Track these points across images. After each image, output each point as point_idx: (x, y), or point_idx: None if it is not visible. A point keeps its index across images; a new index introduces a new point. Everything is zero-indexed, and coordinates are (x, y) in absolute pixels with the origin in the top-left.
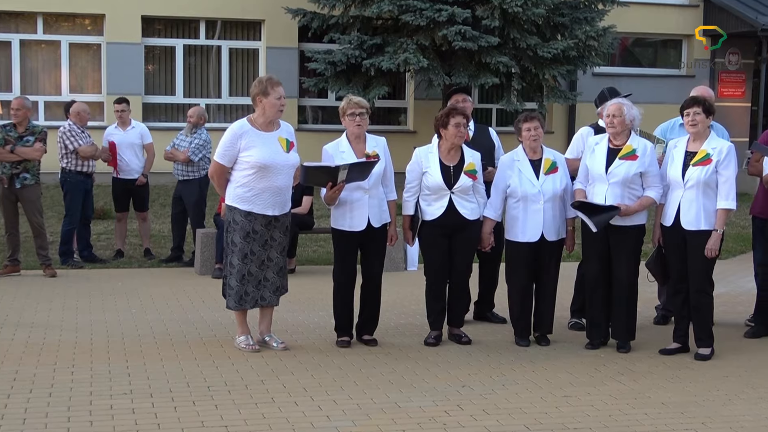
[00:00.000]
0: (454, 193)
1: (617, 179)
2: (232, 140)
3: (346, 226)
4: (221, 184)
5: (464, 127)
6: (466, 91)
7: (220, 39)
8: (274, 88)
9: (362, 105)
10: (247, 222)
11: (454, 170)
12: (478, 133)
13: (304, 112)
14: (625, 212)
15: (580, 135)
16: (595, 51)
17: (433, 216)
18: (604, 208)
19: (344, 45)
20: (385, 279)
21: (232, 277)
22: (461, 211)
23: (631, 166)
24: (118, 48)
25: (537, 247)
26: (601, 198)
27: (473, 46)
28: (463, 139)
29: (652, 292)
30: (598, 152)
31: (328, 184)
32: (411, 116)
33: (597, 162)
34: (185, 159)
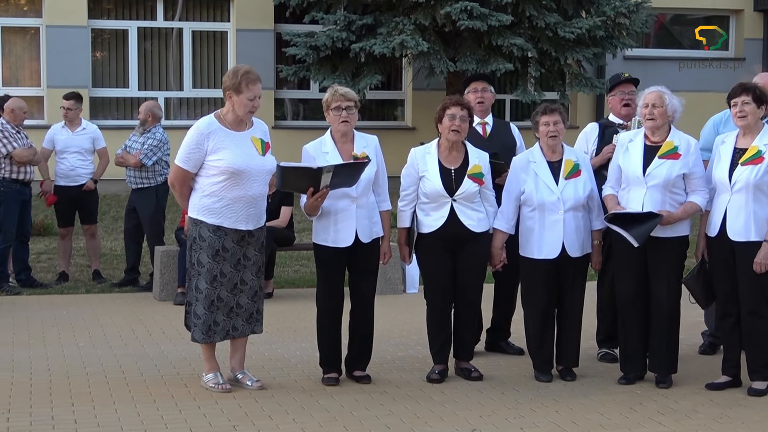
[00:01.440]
0: (456, 201)
1: (657, 182)
2: (198, 141)
3: (330, 240)
4: (184, 194)
5: (462, 119)
6: (487, 80)
7: (182, 20)
8: (249, 87)
9: (349, 97)
10: (216, 238)
11: (456, 174)
12: (496, 130)
13: (281, 106)
14: (667, 220)
15: (584, 134)
16: (626, 30)
17: (431, 228)
18: (642, 217)
19: (329, 26)
20: (379, 303)
21: (199, 304)
22: (465, 221)
23: (673, 166)
24: (59, 32)
25: (557, 264)
26: (638, 204)
27: (482, 26)
28: (462, 134)
29: (697, 316)
30: (633, 151)
31: (308, 189)
32: (409, 110)
33: (632, 162)
34: (136, 163)
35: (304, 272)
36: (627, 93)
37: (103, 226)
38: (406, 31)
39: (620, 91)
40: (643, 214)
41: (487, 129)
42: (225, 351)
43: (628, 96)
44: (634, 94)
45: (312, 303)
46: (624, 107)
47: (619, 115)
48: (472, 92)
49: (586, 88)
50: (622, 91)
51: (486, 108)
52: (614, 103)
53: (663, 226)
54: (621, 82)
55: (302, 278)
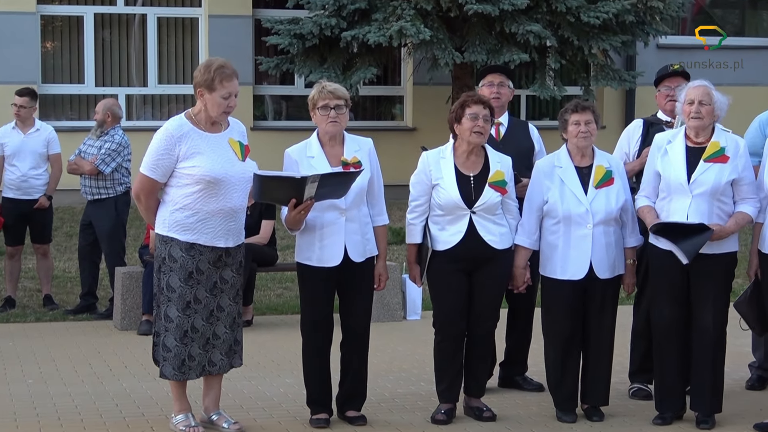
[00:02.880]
0: (476, 213)
1: (704, 189)
2: (168, 145)
3: (315, 259)
4: (151, 207)
5: (485, 119)
6: (506, 73)
7: (145, 5)
8: (224, 84)
9: (339, 95)
10: (190, 258)
11: (476, 181)
12: (512, 131)
13: (261, 104)
14: (718, 235)
15: (626, 132)
16: (659, 15)
17: (447, 245)
18: (692, 229)
19: (316, 11)
20: (375, 332)
21: (169, 335)
22: (486, 237)
23: (722, 171)
24: (4, 19)
25: (583, 286)
26: (682, 216)
27: (493, 11)
28: (485, 137)
29: (743, 345)
30: (674, 154)
31: (290, 201)
32: (409, 108)
33: (674, 167)
34: (92, 170)
35: (288, 296)
36: (674, 87)
37: (55, 244)
38: (406, 16)
39: (666, 85)
40: (693, 225)
41: (501, 130)
42: (197, 388)
43: (674, 91)
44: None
45: (297, 332)
46: (669, 103)
47: (666, 112)
48: (487, 86)
49: (614, 82)
50: (668, 86)
51: (502, 105)
52: (659, 98)
53: (712, 241)
54: (668, 74)
55: (286, 303)
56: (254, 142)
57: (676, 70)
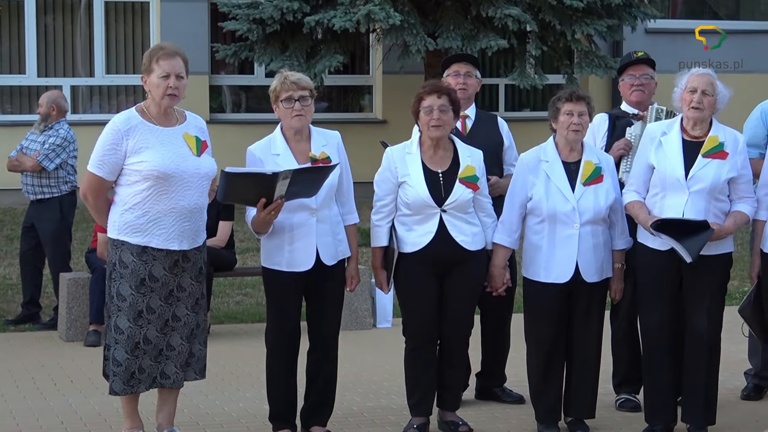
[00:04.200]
0: (446, 212)
1: (702, 186)
2: (115, 140)
3: (284, 264)
4: (100, 208)
5: (442, 110)
6: (472, 62)
7: None
8: (159, 62)
9: (303, 85)
10: (142, 264)
11: (445, 178)
12: (479, 125)
13: (218, 95)
14: (717, 235)
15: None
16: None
17: (416, 246)
18: (692, 226)
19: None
20: (343, 341)
21: (119, 348)
22: (458, 238)
23: (722, 167)
24: None
25: (569, 290)
26: (677, 214)
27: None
28: (446, 128)
29: (738, 352)
30: (669, 147)
31: (260, 201)
32: (378, 99)
33: (670, 161)
34: (35, 167)
35: (248, 303)
36: (638, 76)
37: None
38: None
39: (630, 74)
40: (695, 222)
41: (467, 124)
42: (150, 404)
43: (638, 80)
44: (647, 79)
45: (259, 341)
46: (634, 93)
47: (630, 103)
48: (452, 76)
49: (599, 70)
50: (632, 75)
51: (468, 97)
52: (623, 88)
53: (711, 241)
54: (632, 62)
55: (246, 311)
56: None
57: (640, 57)
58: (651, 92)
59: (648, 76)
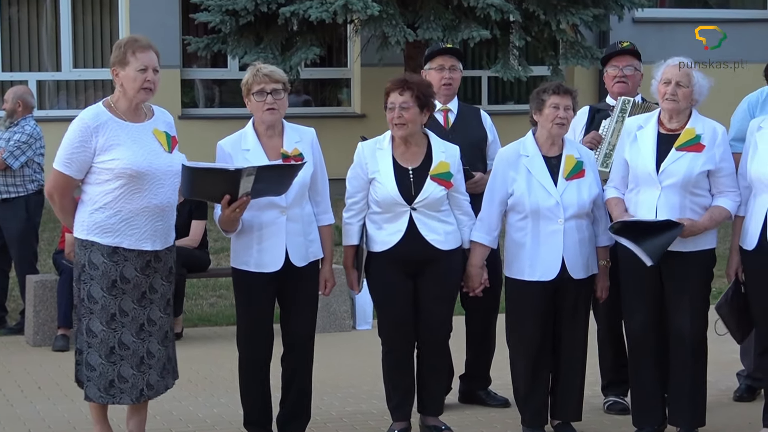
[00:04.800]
0: (416, 210)
1: (674, 181)
2: (83, 137)
3: (252, 264)
4: (66, 208)
5: (404, 108)
6: (457, 55)
7: None
8: (137, 54)
9: (276, 78)
10: (113, 265)
11: (416, 174)
12: (462, 119)
13: (190, 89)
14: (689, 231)
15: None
16: None
17: (385, 245)
18: (657, 227)
19: None
20: (320, 344)
21: (93, 352)
22: (428, 236)
23: (696, 160)
24: None
25: (554, 288)
26: (650, 210)
27: None
28: (409, 127)
29: (731, 352)
30: (643, 141)
31: (224, 198)
32: (356, 92)
33: (642, 155)
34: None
35: (223, 305)
36: (622, 67)
37: None
38: None
39: (614, 65)
40: (659, 223)
41: (450, 118)
42: (120, 410)
43: (622, 71)
44: (631, 70)
45: (234, 345)
46: (617, 85)
47: (614, 96)
48: (436, 70)
49: (585, 61)
50: (616, 66)
51: (453, 92)
52: (606, 80)
53: (684, 238)
54: (616, 53)
55: (220, 313)
56: (183, 132)
57: (624, 47)
58: (636, 84)
59: (632, 67)
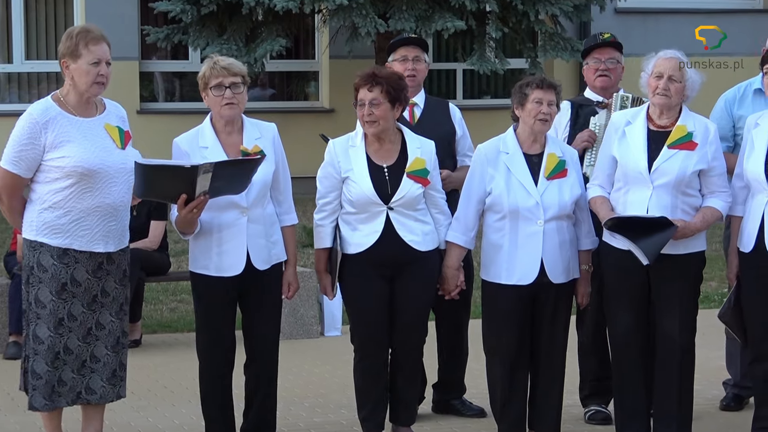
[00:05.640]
0: (393, 210)
1: (667, 180)
2: (31, 133)
3: (212, 268)
4: (15, 208)
5: (374, 105)
6: (421, 45)
7: None
8: (89, 47)
9: (234, 71)
10: (63, 267)
11: (391, 172)
12: (428, 112)
13: (149, 82)
14: (682, 233)
15: None
16: None
17: (361, 247)
18: (652, 223)
19: None
20: (286, 351)
21: (39, 359)
22: (406, 237)
23: (689, 159)
24: None
25: (533, 293)
26: (641, 211)
27: None
28: (381, 124)
29: (716, 359)
30: (633, 137)
31: (180, 197)
32: (325, 86)
33: (633, 153)
34: None
35: (184, 311)
36: (603, 60)
37: None
38: None
39: (595, 58)
40: (654, 219)
41: (416, 112)
42: (76, 421)
43: (604, 64)
44: (613, 63)
45: (195, 353)
46: (599, 78)
47: (595, 90)
48: (399, 62)
49: (565, 53)
50: (597, 58)
51: (417, 83)
52: (587, 73)
53: (675, 240)
54: (597, 45)
55: (181, 319)
56: (142, 127)
57: (606, 39)
58: (618, 78)
59: (614, 60)
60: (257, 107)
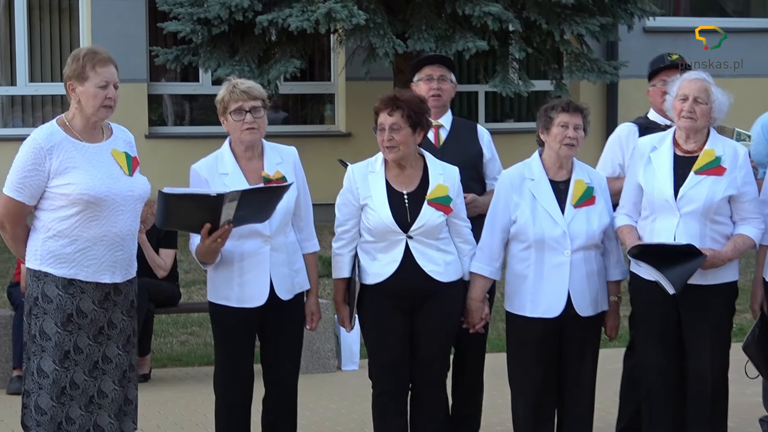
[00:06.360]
0: (412, 238)
1: (694, 207)
2: (36, 159)
3: (234, 299)
4: (18, 236)
5: (395, 130)
6: (447, 64)
7: None
8: (97, 69)
9: (254, 94)
10: (69, 297)
11: (411, 199)
12: (455, 135)
13: (158, 105)
14: (711, 262)
15: (617, 138)
16: None
17: (379, 277)
18: (679, 252)
19: None
20: (305, 386)
21: (44, 393)
22: (426, 267)
23: (717, 185)
24: None
25: (560, 326)
26: (669, 239)
27: None
28: (401, 150)
29: (753, 395)
30: (659, 163)
31: (204, 226)
32: (341, 109)
33: (659, 179)
34: None
35: (195, 344)
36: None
37: None
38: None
39: (662, 80)
40: (681, 246)
41: (441, 134)
42: None
43: None
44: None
45: (207, 387)
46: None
47: (661, 113)
48: (425, 81)
49: (592, 75)
50: (665, 80)
51: (443, 104)
52: (654, 95)
53: (705, 269)
54: (665, 67)
55: (192, 353)
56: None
57: (674, 61)
58: None
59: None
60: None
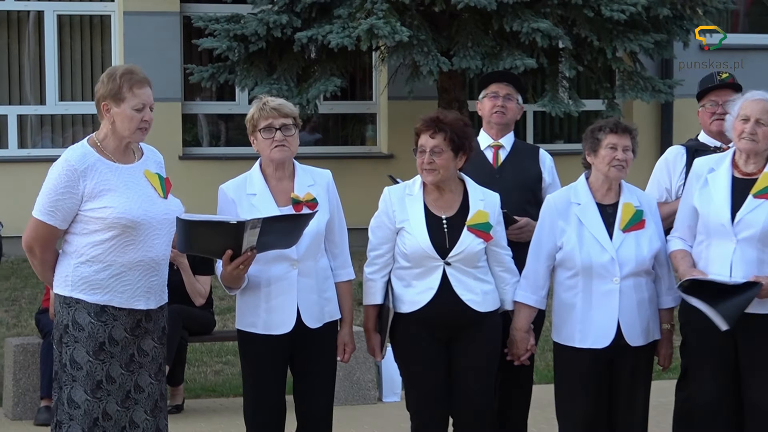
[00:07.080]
0: (450, 265)
1: (752, 233)
2: (69, 181)
3: (260, 326)
4: (47, 261)
5: (436, 153)
6: (514, 82)
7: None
8: (134, 91)
9: (285, 111)
10: (101, 325)
11: (450, 224)
12: (515, 156)
13: (192, 125)
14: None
15: (664, 162)
16: (702, 8)
17: (415, 305)
18: (731, 288)
19: (262, 6)
20: (342, 418)
21: (75, 425)
22: (464, 296)
23: None
24: None
25: (610, 357)
26: (724, 266)
27: (489, 4)
28: (441, 173)
29: None
30: (716, 186)
31: (226, 253)
32: (383, 129)
33: (715, 203)
34: None
35: (230, 373)
36: (721, 103)
37: None
38: (377, 11)
39: (712, 100)
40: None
41: (500, 155)
42: None
43: (721, 108)
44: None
45: (241, 419)
46: (715, 122)
47: (711, 134)
48: (489, 98)
49: (645, 94)
50: (714, 101)
51: (506, 123)
52: (703, 117)
53: (762, 298)
54: (714, 87)
55: (227, 382)
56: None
57: (723, 80)
58: None
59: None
60: (309, 152)
